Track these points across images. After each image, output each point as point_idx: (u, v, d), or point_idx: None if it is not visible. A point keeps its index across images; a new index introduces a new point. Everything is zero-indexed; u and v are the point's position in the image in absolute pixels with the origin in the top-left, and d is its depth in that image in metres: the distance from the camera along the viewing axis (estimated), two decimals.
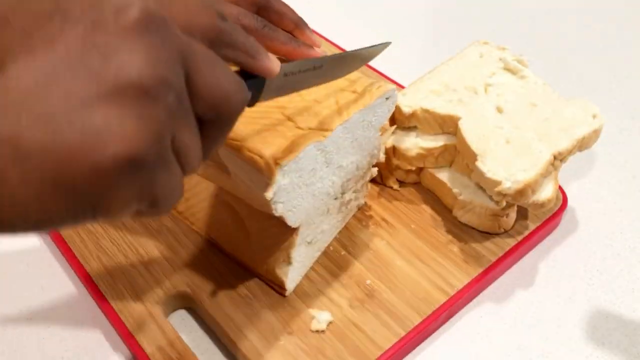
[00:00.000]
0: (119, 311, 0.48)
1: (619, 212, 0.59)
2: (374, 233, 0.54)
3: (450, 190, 0.55)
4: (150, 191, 0.25)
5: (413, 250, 0.53)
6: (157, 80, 0.23)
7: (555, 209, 0.56)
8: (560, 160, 0.52)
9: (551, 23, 0.87)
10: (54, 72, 0.22)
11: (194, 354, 0.46)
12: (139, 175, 0.23)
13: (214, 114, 0.28)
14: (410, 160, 0.55)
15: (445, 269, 0.51)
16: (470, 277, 0.51)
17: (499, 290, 0.53)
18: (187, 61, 0.26)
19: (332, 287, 0.50)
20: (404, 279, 0.51)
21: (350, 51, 0.44)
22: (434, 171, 0.56)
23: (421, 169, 0.57)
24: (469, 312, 0.51)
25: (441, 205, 0.57)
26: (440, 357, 0.48)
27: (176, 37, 0.25)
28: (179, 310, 0.51)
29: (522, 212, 0.55)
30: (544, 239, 0.57)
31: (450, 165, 0.56)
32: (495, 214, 0.52)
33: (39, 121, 0.22)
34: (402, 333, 0.47)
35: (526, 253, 0.55)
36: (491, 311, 0.51)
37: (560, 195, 0.57)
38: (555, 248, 0.56)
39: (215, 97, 0.27)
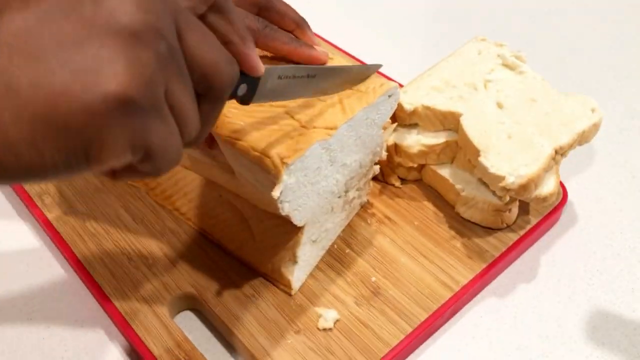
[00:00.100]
0: (124, 313, 0.48)
1: (619, 212, 0.60)
2: (377, 230, 0.54)
3: (452, 186, 0.55)
4: (143, 138, 0.25)
5: (417, 246, 0.53)
6: (148, 26, 0.24)
7: (556, 203, 0.56)
8: (562, 154, 0.52)
9: (549, 20, 0.87)
10: (46, 17, 0.23)
11: (201, 354, 0.46)
12: (130, 118, 0.24)
13: (206, 85, 0.28)
14: (412, 157, 0.56)
15: (449, 265, 0.52)
16: (474, 272, 0.51)
17: (499, 289, 0.53)
18: (179, 22, 0.26)
19: (337, 285, 0.50)
20: (409, 275, 0.51)
21: (344, 66, 0.45)
22: (436, 168, 0.56)
23: (423, 166, 0.57)
24: (469, 311, 0.51)
25: (443, 201, 0.57)
26: (442, 356, 0.48)
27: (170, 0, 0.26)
28: (184, 311, 0.51)
29: (523, 207, 0.56)
30: (545, 233, 0.57)
31: (452, 162, 0.56)
32: (497, 209, 0.52)
33: (30, 60, 0.22)
34: (409, 329, 0.47)
35: (528, 248, 0.56)
36: (491, 310, 0.51)
37: (560, 190, 0.57)
38: (556, 243, 0.56)
39: (206, 64, 0.27)
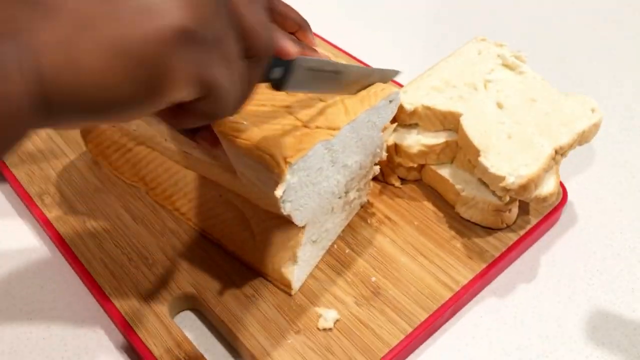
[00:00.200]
0: (124, 313, 0.48)
1: (619, 212, 0.60)
2: (377, 231, 0.54)
3: (452, 186, 0.55)
4: (208, 73, 0.27)
5: (417, 246, 0.53)
6: None
7: (556, 203, 0.56)
8: (562, 154, 0.52)
9: (549, 20, 0.87)
10: None
11: (201, 354, 0.46)
12: (195, 49, 0.26)
13: (247, 44, 0.30)
14: (412, 157, 0.56)
15: (449, 265, 0.52)
16: (474, 272, 0.51)
17: (499, 289, 0.53)
18: None
19: (337, 285, 0.50)
20: (409, 275, 0.51)
21: (366, 68, 0.46)
22: (436, 168, 0.56)
23: (423, 166, 0.57)
24: (469, 311, 0.51)
25: (443, 201, 0.57)
26: (442, 356, 0.48)
27: None
28: (185, 311, 0.51)
29: (523, 206, 0.56)
30: (545, 233, 0.57)
31: (452, 162, 0.56)
32: (497, 209, 0.52)
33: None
34: (409, 329, 0.47)
35: (528, 248, 0.56)
36: (491, 310, 0.51)
37: (560, 190, 0.57)
38: (556, 243, 0.56)
39: (250, 25, 0.30)
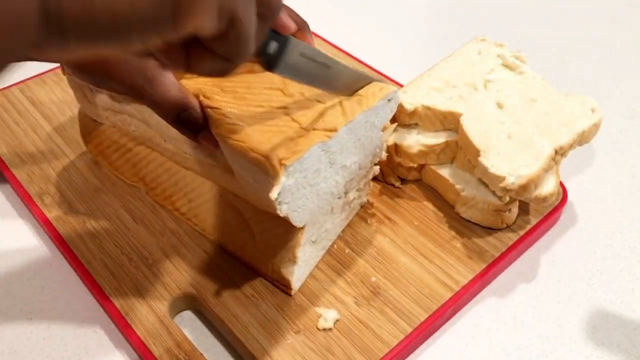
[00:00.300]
0: (124, 313, 0.48)
1: (619, 212, 0.60)
2: (377, 230, 0.55)
3: (452, 186, 0.55)
4: (231, 4, 0.28)
5: (417, 246, 0.53)
6: None
7: (556, 203, 0.56)
8: (561, 154, 0.52)
9: (549, 20, 0.87)
10: None
11: (201, 354, 0.46)
12: None
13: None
14: (412, 157, 0.56)
15: (449, 265, 0.52)
16: (474, 272, 0.51)
17: (499, 289, 0.53)
18: None
19: (337, 285, 0.50)
20: (409, 275, 0.51)
21: (359, 71, 0.46)
22: (436, 168, 0.56)
23: (423, 166, 0.57)
24: (469, 311, 0.51)
25: (443, 201, 0.57)
26: (442, 356, 0.48)
27: None
28: (184, 311, 0.51)
29: (523, 206, 0.56)
30: (545, 233, 0.57)
31: (452, 162, 0.56)
32: (497, 209, 0.52)
33: None
34: (409, 329, 0.47)
35: (528, 248, 0.56)
36: (491, 310, 0.51)
37: (560, 190, 0.57)
38: (556, 243, 0.56)
39: None
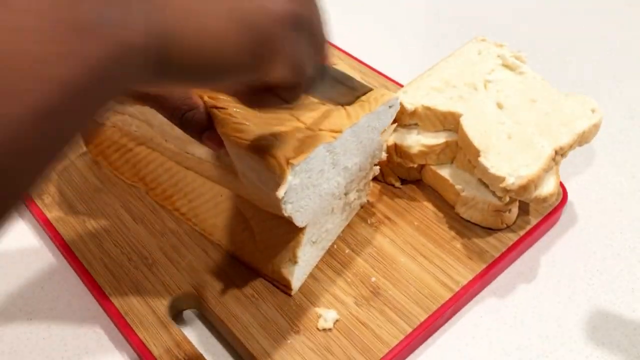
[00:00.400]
0: (124, 313, 0.48)
1: (619, 212, 0.59)
2: (377, 231, 0.55)
3: (452, 186, 0.55)
4: (302, 60, 0.33)
5: (416, 247, 0.53)
6: None
7: (556, 203, 0.56)
8: (561, 155, 0.52)
9: (549, 20, 0.87)
10: None
11: (201, 354, 0.46)
12: (295, 32, 0.31)
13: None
14: (412, 157, 0.56)
15: (449, 265, 0.52)
16: (474, 273, 0.51)
17: (499, 290, 0.53)
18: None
19: (337, 286, 0.50)
20: (409, 275, 0.51)
21: (366, 84, 0.46)
22: (436, 168, 0.56)
23: (423, 166, 0.57)
24: (469, 311, 0.51)
25: (443, 201, 0.57)
26: (441, 356, 0.48)
27: None
28: (185, 311, 0.51)
29: (523, 207, 0.56)
30: (545, 233, 0.57)
31: (452, 162, 0.56)
32: (497, 209, 0.52)
33: None
34: (409, 329, 0.47)
35: (528, 248, 0.56)
36: (491, 310, 0.51)
37: (560, 190, 0.57)
38: (556, 243, 0.56)
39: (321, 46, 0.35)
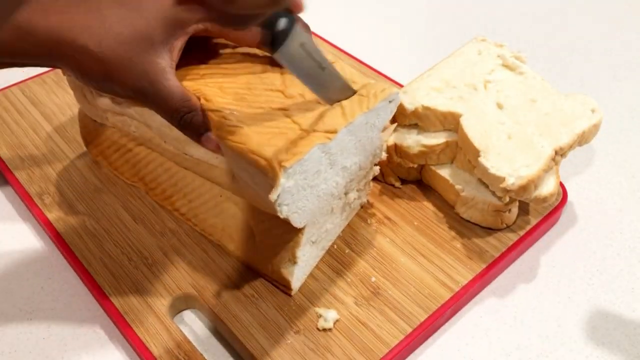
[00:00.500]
0: (124, 313, 0.48)
1: (619, 212, 0.59)
2: (377, 231, 0.54)
3: (452, 186, 0.55)
4: None
5: (416, 247, 0.53)
6: None
7: (556, 203, 0.56)
8: (561, 155, 0.52)
9: (549, 20, 0.87)
10: None
11: (201, 354, 0.46)
12: None
13: None
14: (412, 157, 0.56)
15: (449, 265, 0.52)
16: (474, 273, 0.51)
17: (499, 290, 0.53)
18: None
19: (337, 286, 0.50)
20: (409, 275, 0.51)
21: (346, 82, 0.45)
22: (436, 168, 0.56)
23: (423, 166, 0.57)
24: (469, 311, 0.51)
25: (443, 201, 0.57)
26: (441, 356, 0.48)
27: None
28: (184, 311, 0.51)
29: (523, 207, 0.56)
30: (545, 233, 0.57)
31: (452, 162, 0.56)
32: (497, 209, 0.52)
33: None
34: (409, 329, 0.47)
35: (528, 248, 0.56)
36: (491, 310, 0.51)
37: (560, 190, 0.57)
38: (556, 243, 0.56)
39: None
